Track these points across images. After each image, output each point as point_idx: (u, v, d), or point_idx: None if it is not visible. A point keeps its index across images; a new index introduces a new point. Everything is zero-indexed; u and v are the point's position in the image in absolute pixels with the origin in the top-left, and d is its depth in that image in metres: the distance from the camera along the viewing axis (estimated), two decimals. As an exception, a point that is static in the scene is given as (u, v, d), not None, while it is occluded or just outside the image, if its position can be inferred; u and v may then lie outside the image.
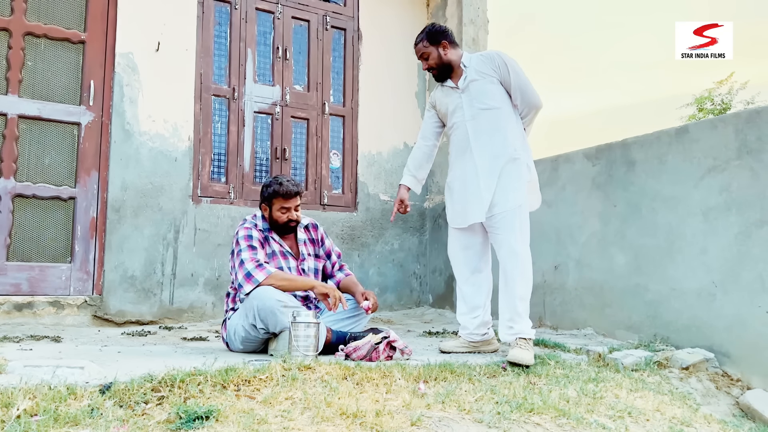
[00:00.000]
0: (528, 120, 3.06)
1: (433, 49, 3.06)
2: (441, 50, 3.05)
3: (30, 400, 1.70)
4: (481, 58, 3.05)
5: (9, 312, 3.78)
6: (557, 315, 3.96)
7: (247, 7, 4.80)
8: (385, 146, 5.34)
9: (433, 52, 3.06)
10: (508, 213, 2.88)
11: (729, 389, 2.82)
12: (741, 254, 2.90)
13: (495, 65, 2.99)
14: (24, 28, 4.03)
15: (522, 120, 3.04)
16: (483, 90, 2.99)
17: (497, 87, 2.99)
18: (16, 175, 3.96)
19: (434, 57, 3.06)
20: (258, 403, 1.89)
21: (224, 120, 4.69)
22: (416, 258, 5.39)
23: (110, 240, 4.13)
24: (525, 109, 3.02)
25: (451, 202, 3.14)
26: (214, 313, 4.40)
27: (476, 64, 3.03)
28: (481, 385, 2.34)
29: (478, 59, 3.04)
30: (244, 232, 2.97)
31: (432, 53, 3.06)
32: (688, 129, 3.26)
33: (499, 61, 2.98)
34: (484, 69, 3.00)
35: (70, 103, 4.16)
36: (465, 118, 3.03)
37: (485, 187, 2.92)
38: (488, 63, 3.00)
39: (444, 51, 3.05)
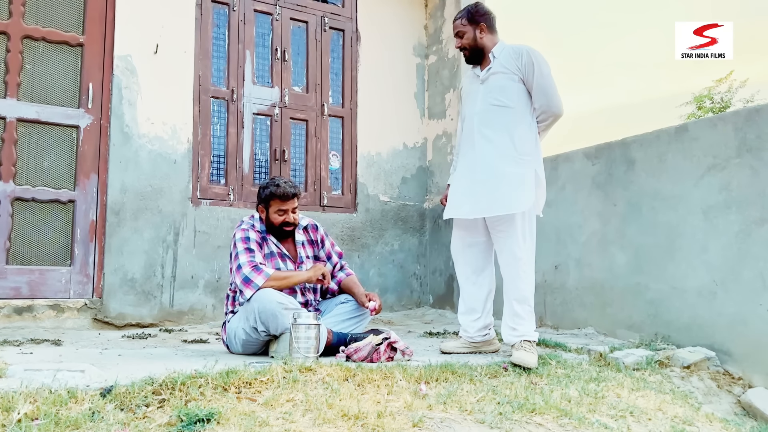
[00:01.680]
0: (545, 125, 2.93)
1: (470, 29, 2.96)
2: (477, 32, 2.95)
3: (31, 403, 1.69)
4: (510, 52, 2.92)
5: (9, 316, 3.77)
6: (558, 314, 3.95)
7: (245, 9, 4.80)
8: (385, 147, 5.34)
9: (470, 32, 2.96)
10: (512, 217, 2.82)
11: (730, 388, 2.81)
12: (741, 252, 2.90)
13: (522, 62, 2.87)
14: (22, 31, 4.03)
15: (538, 125, 2.92)
16: (502, 85, 2.89)
17: (517, 85, 2.88)
18: (16, 179, 3.95)
19: (469, 37, 2.96)
20: (259, 406, 1.89)
21: (223, 122, 4.68)
22: (416, 258, 5.39)
23: (110, 243, 4.13)
24: (543, 114, 2.89)
25: (452, 191, 3.09)
26: (215, 315, 4.40)
27: (504, 57, 2.91)
28: (483, 386, 2.33)
29: (508, 52, 2.92)
30: (241, 234, 2.96)
31: (468, 32, 2.97)
32: (688, 128, 3.26)
33: (526, 59, 2.86)
34: (509, 64, 2.89)
35: (69, 106, 4.16)
36: (475, 110, 2.96)
37: (481, 182, 2.87)
38: (515, 58, 2.88)
39: (481, 33, 2.95)
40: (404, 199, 5.39)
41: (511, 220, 2.83)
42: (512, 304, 2.86)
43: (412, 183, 5.44)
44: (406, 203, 5.39)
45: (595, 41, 58.18)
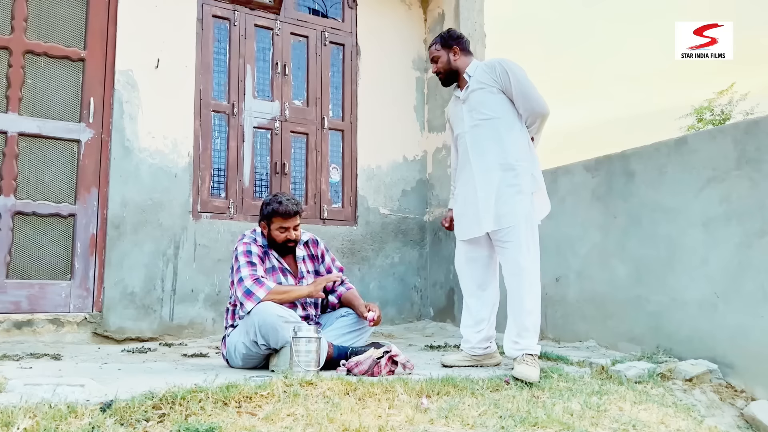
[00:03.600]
0: (534, 128, 2.98)
1: (443, 53, 3.05)
2: (451, 55, 3.04)
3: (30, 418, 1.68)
4: (483, 67, 3.01)
5: (9, 330, 3.76)
6: (559, 327, 3.94)
7: (246, 24, 4.83)
8: (385, 160, 5.35)
9: (443, 56, 3.05)
10: (514, 227, 2.83)
11: (733, 400, 2.80)
12: (742, 264, 2.90)
13: (496, 74, 2.94)
14: (24, 46, 4.06)
15: (528, 129, 2.97)
16: (482, 100, 2.96)
17: (498, 96, 2.94)
18: (16, 193, 3.96)
19: (443, 61, 3.05)
20: (260, 420, 1.88)
21: (224, 135, 4.70)
22: (416, 271, 5.38)
23: (110, 257, 4.12)
24: (529, 117, 2.94)
25: (455, 215, 3.14)
26: (215, 329, 4.38)
27: (479, 74, 2.99)
28: (485, 399, 2.32)
29: (482, 69, 3.00)
30: (243, 248, 2.96)
31: (442, 57, 3.05)
32: (687, 140, 3.27)
33: (500, 70, 2.93)
34: (484, 79, 2.97)
35: (70, 120, 4.17)
36: (465, 129, 3.02)
37: (483, 199, 2.90)
38: (489, 72, 2.96)
39: (454, 57, 3.03)
40: (404, 212, 5.39)
41: (514, 231, 2.84)
42: (516, 316, 2.85)
43: (412, 196, 5.45)
44: (406, 216, 5.39)
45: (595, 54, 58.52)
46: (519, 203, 2.86)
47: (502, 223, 2.84)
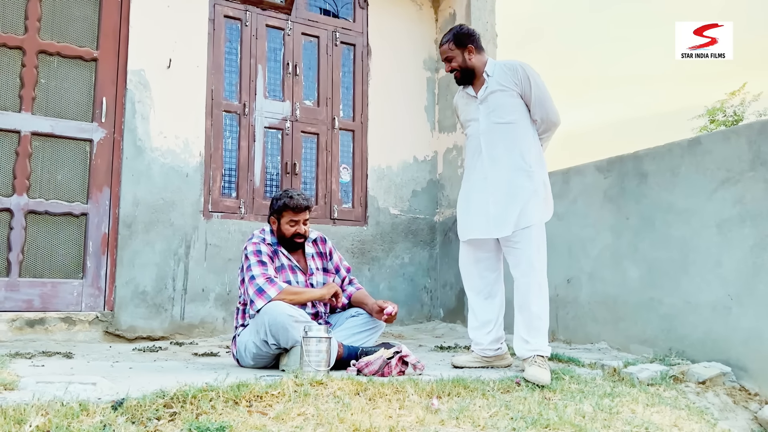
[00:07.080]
0: (546, 137, 2.99)
1: (458, 53, 2.97)
2: (466, 54, 2.96)
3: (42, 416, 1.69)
4: (504, 68, 2.95)
5: (21, 328, 3.79)
6: (570, 329, 3.92)
7: (257, 24, 4.84)
8: (395, 160, 5.35)
9: (458, 55, 2.97)
10: (529, 229, 2.83)
11: (747, 404, 2.77)
12: (756, 267, 2.87)
13: (518, 78, 2.90)
14: (37, 46, 4.08)
15: (540, 136, 2.97)
16: (502, 103, 2.92)
17: (516, 100, 2.91)
18: (29, 192, 3.99)
19: (458, 60, 2.97)
20: (270, 420, 1.88)
21: (235, 135, 4.71)
22: (426, 272, 5.37)
23: (122, 256, 4.14)
24: (543, 125, 2.94)
25: (459, 215, 3.11)
26: (225, 329, 4.39)
27: (499, 74, 2.94)
28: (496, 401, 2.31)
29: (502, 70, 2.95)
30: (252, 247, 2.97)
31: (456, 56, 2.97)
32: (701, 141, 3.24)
33: (522, 74, 2.90)
34: (505, 81, 2.92)
35: (83, 119, 4.20)
36: (480, 131, 2.97)
37: (494, 202, 2.88)
38: (511, 75, 2.92)
39: (469, 55, 2.96)
40: (414, 213, 5.38)
41: (528, 232, 2.84)
42: (526, 317, 2.83)
43: (422, 196, 5.43)
44: (416, 216, 5.38)
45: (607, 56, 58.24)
46: (535, 205, 2.86)
47: (520, 224, 2.83)
